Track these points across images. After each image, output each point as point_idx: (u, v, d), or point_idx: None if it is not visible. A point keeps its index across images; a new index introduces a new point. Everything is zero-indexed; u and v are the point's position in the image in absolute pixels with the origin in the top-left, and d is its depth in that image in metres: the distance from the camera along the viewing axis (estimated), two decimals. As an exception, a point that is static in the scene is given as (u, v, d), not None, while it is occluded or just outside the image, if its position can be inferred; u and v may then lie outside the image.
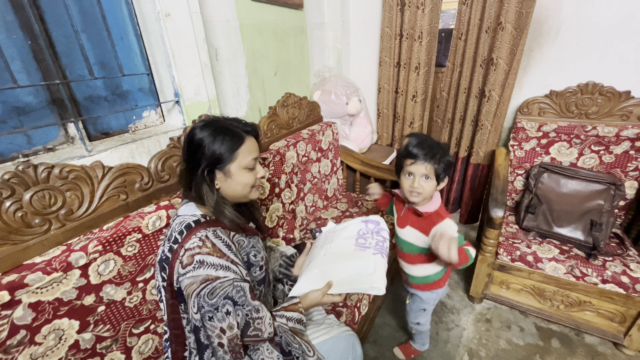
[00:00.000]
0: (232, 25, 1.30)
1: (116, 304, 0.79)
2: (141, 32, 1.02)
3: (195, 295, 0.64)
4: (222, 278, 0.66)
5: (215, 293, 0.64)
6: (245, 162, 0.75)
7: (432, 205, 0.97)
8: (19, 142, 0.84)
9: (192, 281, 0.65)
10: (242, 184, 0.76)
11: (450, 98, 1.88)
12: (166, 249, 0.70)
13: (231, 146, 0.73)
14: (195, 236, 0.68)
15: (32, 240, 0.70)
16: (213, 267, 0.66)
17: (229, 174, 0.74)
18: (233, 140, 0.73)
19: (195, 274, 0.65)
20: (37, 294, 0.65)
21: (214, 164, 0.73)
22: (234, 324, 0.65)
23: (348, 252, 0.85)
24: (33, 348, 0.65)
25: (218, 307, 0.64)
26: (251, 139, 0.77)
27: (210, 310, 0.63)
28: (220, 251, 0.69)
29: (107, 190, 0.81)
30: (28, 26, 0.79)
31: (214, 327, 0.64)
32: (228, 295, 0.65)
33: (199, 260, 0.66)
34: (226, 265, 0.68)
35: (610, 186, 1.35)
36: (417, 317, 1.19)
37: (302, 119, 1.62)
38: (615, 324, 1.28)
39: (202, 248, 0.67)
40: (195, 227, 0.70)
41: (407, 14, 1.78)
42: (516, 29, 1.53)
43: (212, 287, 0.64)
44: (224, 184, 0.76)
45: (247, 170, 0.76)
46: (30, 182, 0.69)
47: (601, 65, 1.50)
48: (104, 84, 0.99)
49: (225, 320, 0.64)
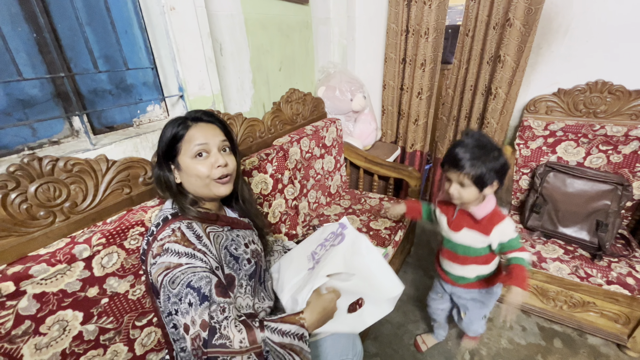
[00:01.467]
0: (236, 20, 1.29)
1: (119, 297, 0.80)
2: (146, 26, 1.02)
3: (160, 285, 0.63)
4: (184, 265, 0.62)
5: (176, 281, 0.61)
6: (190, 150, 0.70)
7: (485, 206, 0.93)
8: (24, 135, 0.84)
9: (156, 269, 0.64)
10: (194, 175, 0.71)
11: (456, 95, 1.86)
12: (144, 242, 0.71)
13: (175, 135, 0.71)
14: (169, 227, 0.68)
15: (37, 233, 0.70)
16: (177, 255, 0.64)
17: (180, 166, 0.72)
18: (177, 128, 0.71)
19: (160, 260, 0.64)
20: (41, 285, 0.66)
21: (166, 157, 0.73)
22: (196, 320, 0.58)
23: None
24: (38, 338, 0.66)
25: (181, 297, 0.60)
26: (200, 125, 0.73)
27: (175, 301, 0.60)
28: (188, 240, 0.67)
29: (111, 184, 0.82)
30: (33, 19, 0.79)
31: (180, 323, 0.59)
32: (189, 283, 0.60)
33: (165, 248, 0.65)
34: (191, 253, 0.65)
35: (618, 186, 1.33)
36: (479, 326, 1.17)
37: (306, 115, 1.62)
38: (619, 325, 1.27)
39: (171, 237, 0.66)
40: (170, 219, 0.70)
41: (414, 10, 1.76)
42: (525, 26, 1.50)
43: (173, 274, 0.61)
44: (183, 179, 0.74)
45: (198, 160, 0.71)
46: (35, 174, 0.69)
47: (611, 63, 1.47)
48: (108, 77, 0.99)
49: (189, 313, 0.59)
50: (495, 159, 0.85)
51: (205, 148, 0.72)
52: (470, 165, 0.85)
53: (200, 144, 0.71)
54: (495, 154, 0.85)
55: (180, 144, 0.72)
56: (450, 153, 0.89)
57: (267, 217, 1.27)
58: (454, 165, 0.88)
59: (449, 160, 0.90)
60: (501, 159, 0.86)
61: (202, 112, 0.76)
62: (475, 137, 0.88)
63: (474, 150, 0.86)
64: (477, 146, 0.86)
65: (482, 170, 0.85)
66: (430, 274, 1.77)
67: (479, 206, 0.93)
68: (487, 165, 0.85)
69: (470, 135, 0.89)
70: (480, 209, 0.93)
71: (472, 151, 0.86)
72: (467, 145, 0.87)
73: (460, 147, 0.88)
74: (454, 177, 0.89)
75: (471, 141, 0.87)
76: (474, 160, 0.85)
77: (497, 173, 0.86)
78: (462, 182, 0.88)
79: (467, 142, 0.87)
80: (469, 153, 0.85)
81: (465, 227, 0.99)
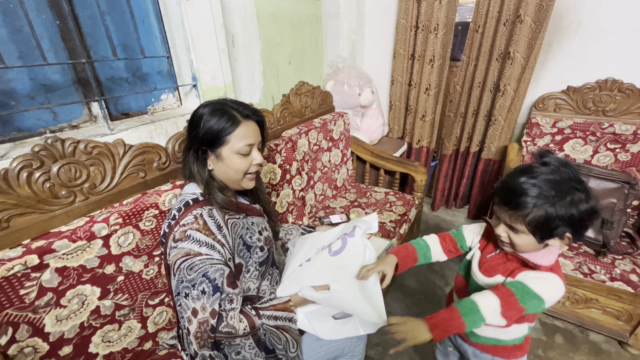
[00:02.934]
0: (249, 12, 1.31)
1: (134, 275, 0.83)
2: (162, 16, 1.04)
3: (177, 268, 0.66)
4: (204, 255, 0.66)
5: (195, 269, 0.65)
6: (238, 146, 0.73)
7: (544, 257, 0.66)
8: (46, 119, 0.88)
9: (176, 252, 0.67)
10: (234, 169, 0.75)
11: (464, 92, 1.86)
12: (165, 225, 0.73)
13: (224, 128, 0.71)
14: (191, 213, 0.70)
15: (59, 211, 0.74)
16: (198, 243, 0.67)
17: (220, 157, 0.74)
18: (227, 123, 0.71)
19: (181, 246, 0.67)
20: (63, 260, 0.69)
21: (206, 144, 0.73)
22: (207, 307, 0.64)
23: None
24: (59, 310, 0.70)
25: (195, 284, 0.64)
26: (249, 123, 0.75)
27: (187, 286, 0.64)
28: (209, 229, 0.70)
29: (128, 167, 0.85)
30: (57, 6, 0.82)
31: (188, 306, 0.64)
32: (206, 273, 0.65)
33: (187, 234, 0.67)
34: (211, 244, 0.68)
35: (625, 185, 1.33)
36: None
37: (315, 108, 1.64)
38: (622, 322, 1.27)
39: (194, 224, 0.68)
40: (192, 205, 0.72)
41: (424, 6, 1.76)
42: (535, 22, 1.50)
43: (192, 262, 0.65)
44: (216, 167, 0.76)
45: (240, 156, 0.74)
46: (58, 155, 0.73)
47: (622, 61, 1.47)
48: (125, 65, 1.02)
49: (200, 299, 0.64)
50: (574, 205, 0.58)
51: (251, 148, 0.76)
52: (532, 204, 0.59)
53: (250, 144, 0.74)
54: (577, 196, 0.58)
55: (229, 137, 0.72)
56: (509, 181, 0.63)
57: (275, 206, 1.29)
58: (506, 200, 0.63)
59: (504, 190, 0.64)
60: (584, 205, 0.58)
61: (251, 109, 0.76)
62: (554, 165, 0.61)
63: (545, 184, 0.59)
64: (552, 181, 0.59)
65: (549, 214, 0.59)
66: (434, 267, 1.79)
67: (535, 254, 0.67)
68: (557, 210, 0.58)
69: (547, 162, 0.62)
70: (536, 257, 0.66)
71: (541, 185, 0.59)
72: (536, 174, 0.60)
73: (525, 175, 0.61)
74: (503, 216, 0.65)
75: (545, 170, 0.60)
76: (539, 198, 0.59)
77: (572, 224, 0.59)
78: (513, 226, 0.63)
79: (538, 171, 0.61)
80: (537, 188, 0.59)
81: (499, 275, 0.71)
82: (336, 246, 0.85)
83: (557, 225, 0.60)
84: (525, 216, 0.60)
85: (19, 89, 0.81)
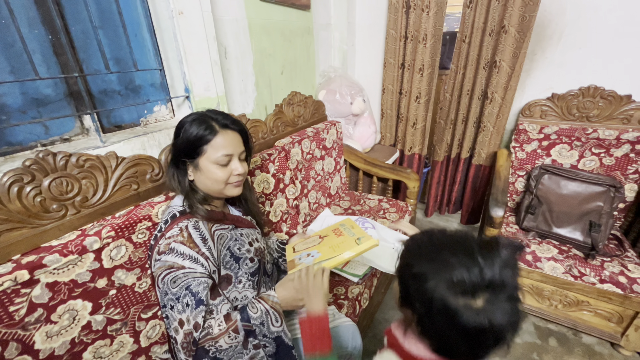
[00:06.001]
0: (241, 25, 1.33)
1: (126, 289, 0.82)
2: (155, 29, 1.06)
3: (161, 280, 0.66)
4: (187, 269, 0.67)
5: (177, 282, 0.65)
6: (215, 156, 0.72)
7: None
8: (37, 132, 0.88)
9: (160, 265, 0.68)
10: (212, 179, 0.74)
11: (453, 100, 1.91)
12: (152, 237, 0.74)
13: (200, 137, 0.71)
14: (177, 226, 0.70)
15: (49, 225, 0.73)
16: (181, 256, 0.67)
17: (198, 167, 0.74)
18: (205, 132, 0.71)
19: (164, 258, 0.67)
20: (54, 275, 0.68)
21: (185, 155, 0.73)
22: (191, 320, 0.65)
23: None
24: (49, 326, 0.69)
25: (179, 296, 0.65)
26: (228, 133, 0.74)
27: (172, 298, 0.65)
28: (194, 242, 0.70)
29: (120, 180, 0.85)
30: (50, 21, 0.83)
31: (174, 317, 0.65)
32: (189, 287, 0.65)
33: (171, 247, 0.68)
34: (195, 257, 0.68)
35: (610, 188, 1.37)
36: None
37: (307, 118, 1.65)
38: (613, 324, 1.29)
39: (178, 237, 0.69)
40: (179, 217, 0.72)
41: (412, 17, 1.81)
42: (519, 33, 1.55)
43: (175, 275, 0.66)
44: (196, 177, 0.76)
45: (219, 166, 0.73)
46: (49, 169, 0.72)
47: (603, 69, 1.52)
48: (118, 78, 1.03)
49: (185, 311, 0.65)
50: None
51: (230, 158, 0.75)
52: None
53: (227, 154, 0.73)
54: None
55: (205, 147, 0.72)
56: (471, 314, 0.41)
57: (269, 215, 1.30)
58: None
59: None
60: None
61: (230, 119, 0.75)
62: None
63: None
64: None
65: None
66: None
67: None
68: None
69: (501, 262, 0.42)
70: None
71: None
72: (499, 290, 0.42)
73: (490, 292, 0.41)
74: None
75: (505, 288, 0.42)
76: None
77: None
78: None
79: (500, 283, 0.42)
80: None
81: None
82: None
83: (404, 290, 0.50)
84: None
85: (10, 103, 0.81)
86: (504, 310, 0.41)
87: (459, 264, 0.42)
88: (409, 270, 0.48)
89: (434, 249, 0.47)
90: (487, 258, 0.42)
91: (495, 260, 0.42)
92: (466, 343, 0.43)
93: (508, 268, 0.42)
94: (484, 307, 0.41)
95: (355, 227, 0.90)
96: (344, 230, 0.91)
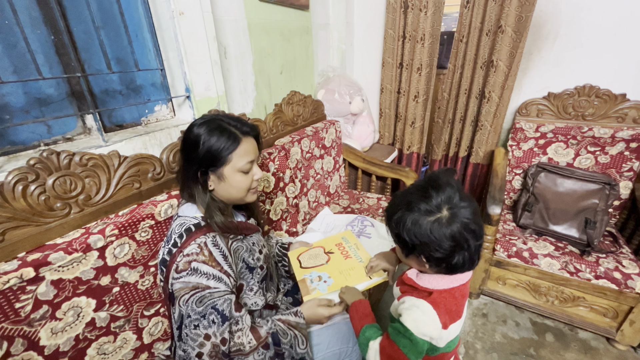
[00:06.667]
0: (240, 25, 1.34)
1: (129, 286, 0.84)
2: (155, 30, 1.06)
3: (183, 302, 0.64)
4: (212, 288, 0.66)
5: (204, 302, 0.65)
6: (240, 165, 0.72)
7: (427, 276, 0.66)
8: (40, 132, 0.88)
9: (182, 286, 0.65)
10: (237, 187, 0.74)
11: (451, 99, 1.92)
12: (165, 251, 0.70)
13: (225, 147, 0.69)
14: (194, 242, 0.68)
15: (54, 223, 0.74)
16: (205, 276, 0.66)
17: (222, 177, 0.71)
18: (228, 142, 0.69)
19: (187, 279, 0.65)
20: (59, 272, 0.69)
21: (207, 165, 0.70)
22: (217, 335, 0.65)
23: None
24: (54, 323, 0.70)
25: (205, 314, 0.64)
26: (249, 140, 0.74)
27: (197, 318, 0.64)
28: (216, 260, 0.68)
29: (123, 178, 0.86)
30: (52, 22, 0.84)
31: (198, 335, 0.64)
32: (215, 306, 0.65)
33: (194, 267, 0.65)
34: (219, 276, 0.67)
35: (605, 186, 1.39)
36: None
37: (307, 117, 1.67)
38: (608, 319, 1.31)
39: (199, 255, 0.66)
40: (195, 232, 0.69)
41: (410, 16, 1.83)
42: (516, 32, 1.57)
43: (201, 295, 0.64)
44: (218, 186, 0.73)
45: (242, 174, 0.73)
46: (53, 167, 0.73)
47: (598, 68, 1.54)
48: (119, 78, 1.04)
49: (212, 327, 0.64)
50: (400, 223, 0.61)
51: (252, 165, 0.75)
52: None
53: (251, 161, 0.74)
54: (404, 215, 0.61)
55: (230, 156, 0.70)
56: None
57: (269, 214, 1.31)
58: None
59: None
60: (415, 226, 0.59)
61: (248, 125, 0.75)
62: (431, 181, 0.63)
63: (400, 196, 0.66)
64: (404, 194, 0.65)
65: (389, 226, 0.66)
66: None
67: (415, 272, 0.68)
68: (391, 225, 0.64)
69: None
70: (418, 276, 0.67)
71: (397, 195, 0.67)
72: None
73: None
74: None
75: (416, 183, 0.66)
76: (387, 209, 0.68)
77: (407, 243, 0.62)
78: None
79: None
80: (395, 197, 0.68)
81: (399, 298, 0.71)
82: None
83: (401, 241, 0.63)
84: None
85: (13, 103, 0.82)
86: (464, 208, 0.58)
87: (419, 199, 0.60)
88: (394, 223, 0.62)
89: (402, 199, 0.63)
90: (434, 187, 0.60)
91: (440, 184, 0.60)
92: (460, 248, 0.58)
93: (449, 185, 0.60)
94: (451, 213, 0.58)
95: (358, 244, 1.01)
96: (349, 250, 0.99)
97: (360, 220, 1.44)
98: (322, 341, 0.86)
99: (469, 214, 0.58)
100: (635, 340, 1.27)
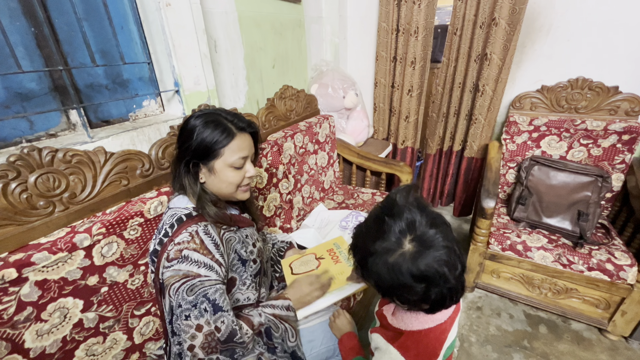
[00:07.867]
0: (230, 17, 1.31)
1: (118, 286, 0.82)
2: (142, 22, 1.03)
3: (173, 291, 0.63)
4: (203, 277, 0.65)
5: (194, 290, 0.63)
6: (232, 160, 0.71)
7: (400, 315, 0.60)
8: (22, 128, 0.85)
9: (172, 274, 0.64)
10: (226, 182, 0.73)
11: (445, 92, 1.91)
12: (156, 242, 0.69)
13: (218, 141, 0.69)
14: (186, 231, 0.67)
15: (37, 222, 0.72)
16: (196, 264, 0.65)
17: (213, 170, 0.72)
18: (222, 135, 0.70)
19: (177, 267, 0.64)
20: (43, 273, 0.67)
21: (198, 157, 0.71)
22: (211, 323, 0.63)
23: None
24: (39, 325, 0.68)
25: (196, 304, 0.63)
26: (244, 136, 0.74)
27: (188, 308, 0.62)
28: (207, 249, 0.68)
29: (109, 175, 0.83)
30: (31, 13, 0.80)
31: (190, 326, 0.62)
32: (206, 294, 0.64)
33: (185, 255, 0.65)
34: (210, 265, 0.66)
35: (598, 178, 1.40)
36: None
37: (300, 112, 1.64)
38: (600, 310, 1.33)
39: (190, 243, 0.66)
40: (186, 221, 0.69)
41: (404, 9, 1.80)
42: (509, 25, 1.56)
43: (192, 284, 0.63)
44: (208, 179, 0.74)
45: (234, 169, 0.73)
46: (35, 164, 0.71)
47: (591, 61, 1.54)
48: (104, 72, 1.01)
49: (203, 316, 0.63)
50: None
51: (245, 161, 0.74)
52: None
53: (244, 157, 0.73)
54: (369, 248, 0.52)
55: (222, 150, 0.70)
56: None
57: (262, 210, 1.29)
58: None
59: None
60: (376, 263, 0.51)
61: (246, 122, 0.75)
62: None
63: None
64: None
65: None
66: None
67: (390, 307, 0.65)
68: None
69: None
70: (392, 313, 0.63)
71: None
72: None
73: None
74: None
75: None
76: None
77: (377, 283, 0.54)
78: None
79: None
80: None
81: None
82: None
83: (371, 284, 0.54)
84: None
85: (-8, 98, 0.78)
86: (434, 234, 0.47)
87: (375, 234, 0.50)
88: (355, 265, 0.56)
89: (359, 237, 0.55)
90: (390, 215, 0.49)
91: (398, 210, 0.49)
92: (435, 285, 0.47)
93: (408, 208, 0.49)
94: (416, 245, 0.47)
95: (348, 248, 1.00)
96: (339, 255, 0.99)
97: (355, 215, 1.43)
98: (316, 337, 0.85)
99: (440, 240, 0.46)
100: (626, 331, 1.29)
